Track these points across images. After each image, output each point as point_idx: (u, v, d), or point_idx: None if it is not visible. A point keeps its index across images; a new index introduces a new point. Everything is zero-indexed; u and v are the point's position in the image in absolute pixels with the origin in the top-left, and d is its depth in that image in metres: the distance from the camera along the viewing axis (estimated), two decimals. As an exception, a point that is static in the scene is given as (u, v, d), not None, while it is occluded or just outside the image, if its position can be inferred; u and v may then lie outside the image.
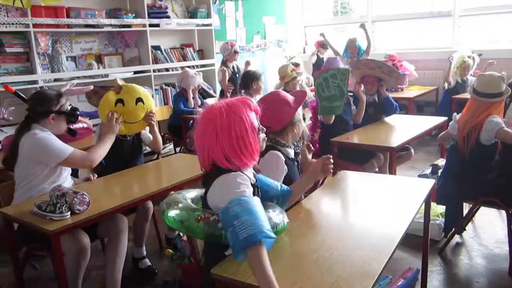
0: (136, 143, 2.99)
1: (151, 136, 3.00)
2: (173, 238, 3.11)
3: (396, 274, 2.47)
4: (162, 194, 2.47)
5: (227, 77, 5.27)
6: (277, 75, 4.77)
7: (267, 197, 1.78)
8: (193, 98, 4.80)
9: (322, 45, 6.71)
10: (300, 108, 2.23)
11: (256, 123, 1.58)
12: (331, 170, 1.87)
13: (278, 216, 1.63)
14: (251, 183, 1.60)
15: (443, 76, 5.75)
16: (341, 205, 2.04)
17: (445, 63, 5.58)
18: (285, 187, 1.87)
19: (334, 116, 3.51)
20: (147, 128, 2.96)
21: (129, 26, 5.08)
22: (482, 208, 3.06)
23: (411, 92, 5.88)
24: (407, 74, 6.05)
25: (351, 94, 3.83)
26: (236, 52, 5.38)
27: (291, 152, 2.26)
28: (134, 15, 5.14)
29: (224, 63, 5.41)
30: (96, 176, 2.69)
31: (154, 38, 5.50)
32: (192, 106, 4.78)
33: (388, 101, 3.93)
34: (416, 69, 6.24)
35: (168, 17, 5.54)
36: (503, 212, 2.91)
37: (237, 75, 5.36)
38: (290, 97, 2.20)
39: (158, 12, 5.42)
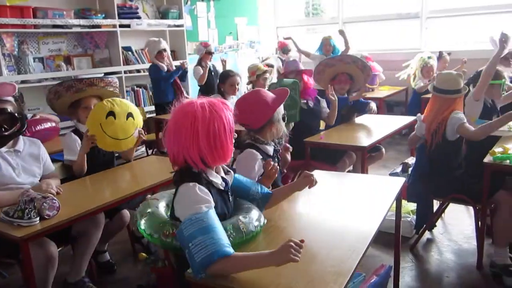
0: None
1: None
2: (141, 237, 3.07)
3: (370, 271, 2.51)
4: (135, 197, 2.45)
5: (206, 74, 5.23)
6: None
7: (246, 198, 1.77)
8: (167, 65, 4.95)
9: (283, 49, 6.77)
10: (281, 107, 2.23)
11: (232, 125, 1.58)
12: (315, 180, 1.87)
13: (254, 221, 1.61)
14: (220, 189, 1.60)
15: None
16: (315, 204, 2.06)
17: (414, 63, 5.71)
18: (265, 189, 1.86)
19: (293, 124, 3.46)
20: None
21: (98, 26, 5.00)
22: (451, 204, 3.15)
23: (381, 92, 6.00)
24: (376, 75, 6.18)
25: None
26: (209, 52, 5.38)
27: (270, 149, 2.26)
28: (103, 15, 5.05)
29: (199, 62, 5.40)
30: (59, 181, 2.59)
31: (125, 39, 5.42)
32: (165, 70, 4.94)
33: (361, 102, 3.98)
34: (387, 70, 6.36)
35: (138, 17, 5.47)
36: (471, 208, 2.99)
37: (213, 74, 5.35)
38: (270, 96, 2.20)
39: (128, 13, 5.35)
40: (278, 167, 2.31)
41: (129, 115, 2.69)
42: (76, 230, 2.47)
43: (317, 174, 2.44)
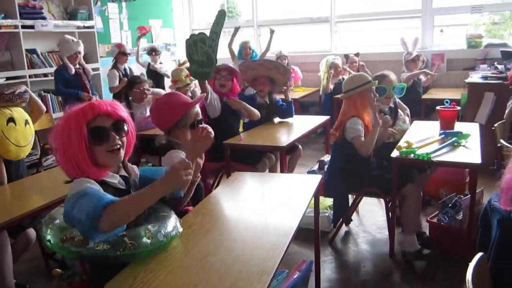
0: None
1: None
2: (55, 252, 2.88)
3: (292, 267, 2.57)
4: (42, 212, 2.27)
5: (117, 80, 5.07)
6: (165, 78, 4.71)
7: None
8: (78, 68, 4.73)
9: None
10: (197, 114, 2.22)
11: (96, 134, 1.48)
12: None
13: (166, 229, 1.56)
14: (120, 188, 1.56)
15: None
16: (236, 205, 2.07)
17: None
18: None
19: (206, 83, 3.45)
20: None
21: (-3, 27, 4.61)
22: (364, 198, 3.34)
23: (296, 93, 6.19)
24: (291, 77, 6.39)
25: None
26: (124, 54, 5.17)
27: None
28: (3, 15, 4.67)
29: (115, 65, 5.19)
30: None
31: (29, 41, 5.06)
32: (73, 72, 4.71)
33: (288, 105, 4.06)
34: (301, 71, 6.60)
35: (43, 18, 5.12)
36: (382, 200, 3.19)
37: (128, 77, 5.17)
38: (181, 101, 2.18)
39: (31, 13, 5.00)
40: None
41: (26, 122, 2.60)
42: None
43: (237, 175, 2.46)
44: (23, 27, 4.86)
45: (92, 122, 1.48)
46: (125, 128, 1.56)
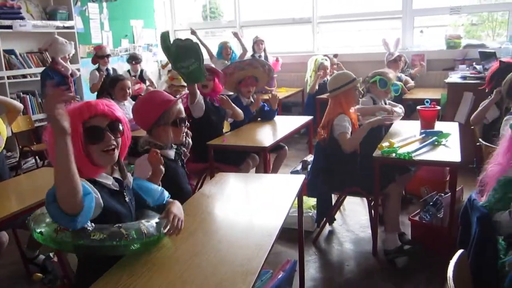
0: None
1: None
2: (35, 257, 2.83)
3: (276, 267, 2.58)
4: (19, 217, 2.23)
5: (100, 81, 4.99)
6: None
7: (144, 206, 1.73)
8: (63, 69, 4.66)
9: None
10: (179, 112, 2.21)
11: (92, 133, 1.49)
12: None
13: (158, 226, 1.58)
14: (113, 189, 1.56)
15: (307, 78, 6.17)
16: (221, 206, 2.06)
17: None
18: (163, 199, 1.80)
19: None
20: None
21: (-27, 27, 4.50)
22: (347, 197, 3.36)
23: (279, 93, 6.20)
24: (274, 77, 6.41)
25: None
26: (100, 57, 5.10)
27: (171, 153, 2.22)
28: (-21, 15, 4.57)
29: (98, 67, 5.12)
30: None
31: (7, 42, 4.96)
32: (69, 72, 4.66)
33: (272, 111, 4.09)
34: (284, 72, 6.62)
35: (22, 18, 5.02)
36: (365, 199, 3.22)
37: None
38: (163, 98, 2.17)
39: (9, 13, 4.89)
40: (184, 170, 2.29)
41: None
42: None
43: (221, 176, 2.46)
44: (1, 27, 4.76)
45: (89, 121, 1.49)
46: (121, 128, 1.57)
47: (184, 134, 2.29)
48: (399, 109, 3.50)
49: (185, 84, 4.43)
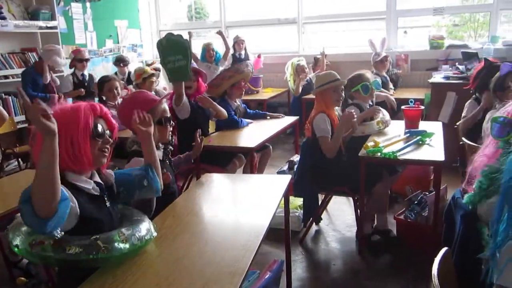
0: None
1: None
2: (18, 261, 2.79)
3: (263, 268, 2.58)
4: (7, 218, 2.19)
5: (70, 85, 4.93)
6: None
7: (136, 186, 1.74)
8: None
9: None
10: (164, 111, 2.19)
11: (99, 130, 1.55)
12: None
13: (140, 233, 1.55)
14: (93, 194, 1.54)
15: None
16: (208, 207, 2.06)
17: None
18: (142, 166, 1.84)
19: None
20: None
21: (-47, 27, 4.41)
22: (333, 197, 3.38)
23: (265, 94, 6.23)
24: (260, 77, 6.44)
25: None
26: (79, 60, 4.99)
27: (159, 153, 2.20)
28: (-41, 15, 4.48)
29: (74, 71, 5.04)
30: None
31: (-12, 42, 4.87)
32: (47, 81, 4.62)
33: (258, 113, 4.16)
34: (269, 72, 6.63)
35: (3, 18, 4.95)
36: (351, 199, 3.24)
37: (87, 85, 5.01)
38: (147, 98, 2.18)
39: (-10, 13, 4.82)
40: (169, 174, 2.27)
41: None
42: None
43: (207, 177, 2.45)
44: (-18, 27, 4.69)
45: (96, 119, 1.58)
46: (113, 139, 1.65)
47: (170, 132, 2.28)
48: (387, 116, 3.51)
49: (153, 72, 4.44)
